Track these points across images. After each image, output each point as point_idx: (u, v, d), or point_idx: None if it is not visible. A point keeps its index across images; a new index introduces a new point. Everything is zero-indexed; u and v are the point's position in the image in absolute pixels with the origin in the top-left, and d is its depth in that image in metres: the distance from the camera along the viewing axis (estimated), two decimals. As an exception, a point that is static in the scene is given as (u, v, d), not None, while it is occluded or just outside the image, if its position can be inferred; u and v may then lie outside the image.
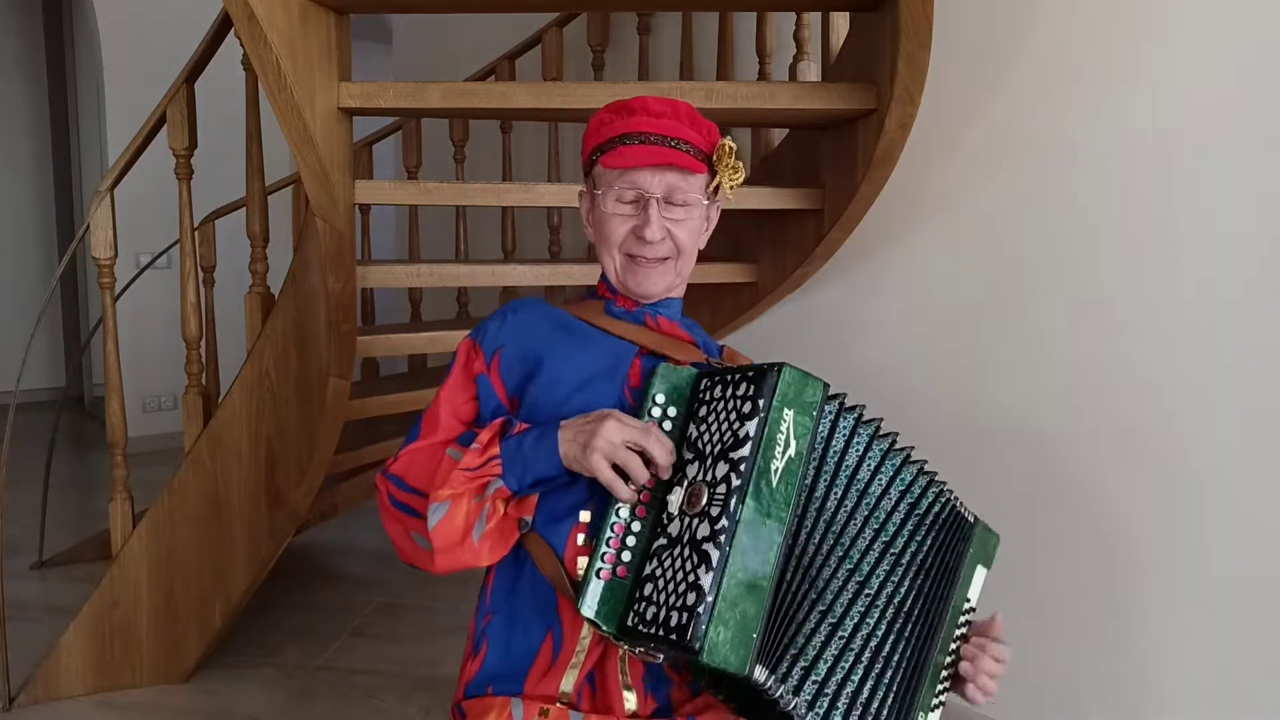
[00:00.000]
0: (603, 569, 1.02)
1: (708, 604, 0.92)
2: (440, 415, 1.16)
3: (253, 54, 1.61)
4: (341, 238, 1.82)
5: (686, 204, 1.16)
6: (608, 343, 1.18)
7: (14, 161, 6.01)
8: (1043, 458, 1.98)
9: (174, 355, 3.29)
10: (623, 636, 1.00)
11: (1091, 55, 1.88)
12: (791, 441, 0.98)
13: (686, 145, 1.14)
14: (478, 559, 1.07)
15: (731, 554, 0.94)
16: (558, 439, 1.04)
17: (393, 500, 1.13)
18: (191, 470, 2.28)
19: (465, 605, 2.89)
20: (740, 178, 1.17)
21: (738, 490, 0.95)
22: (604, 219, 1.18)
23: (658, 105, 1.16)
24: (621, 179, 1.15)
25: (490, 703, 1.08)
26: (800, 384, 1.00)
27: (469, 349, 1.20)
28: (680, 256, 1.19)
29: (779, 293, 2.40)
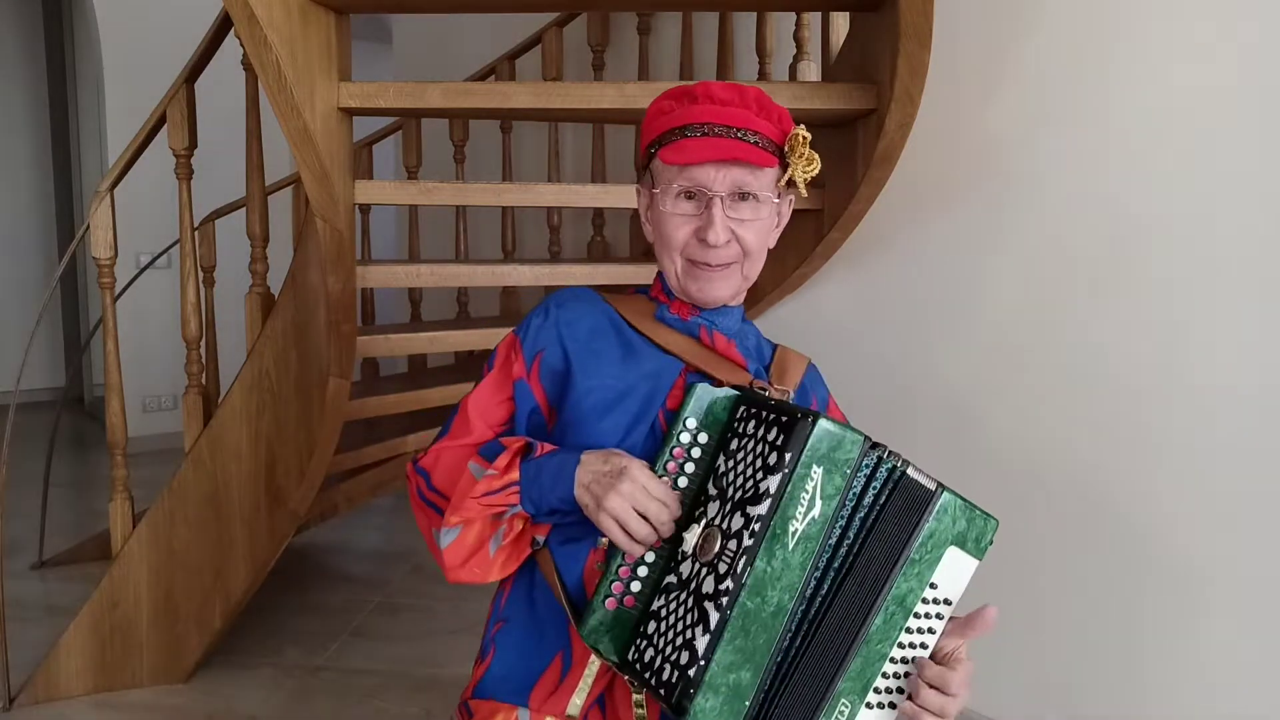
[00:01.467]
0: (610, 597, 0.98)
1: (699, 668, 0.88)
2: (471, 414, 1.11)
3: (253, 54, 1.61)
4: (341, 238, 1.82)
5: (756, 201, 1.05)
6: (652, 357, 1.09)
7: (14, 161, 6.01)
8: (1043, 458, 1.98)
9: (174, 355, 3.30)
10: (623, 668, 0.97)
11: (1092, 55, 1.88)
12: (817, 503, 0.90)
13: (755, 136, 1.03)
14: (487, 575, 1.05)
15: (732, 618, 0.88)
16: (575, 476, 0.99)
17: (421, 495, 1.10)
18: (191, 470, 2.28)
19: (465, 605, 2.89)
20: (815, 168, 1.06)
21: (747, 551, 0.88)
22: (663, 219, 1.07)
23: (723, 92, 1.05)
24: (682, 175, 1.04)
25: (497, 707, 1.06)
26: (835, 439, 0.90)
27: (510, 346, 1.13)
28: (747, 260, 1.09)
29: (779, 292, 2.40)
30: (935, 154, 2.12)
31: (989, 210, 2.06)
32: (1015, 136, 2.01)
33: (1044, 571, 1.98)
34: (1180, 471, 1.78)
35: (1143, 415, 1.82)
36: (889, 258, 2.27)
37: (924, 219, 2.19)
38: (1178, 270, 1.77)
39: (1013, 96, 2.01)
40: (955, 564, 0.97)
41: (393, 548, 3.53)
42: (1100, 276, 1.88)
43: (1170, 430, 1.79)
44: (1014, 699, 2.05)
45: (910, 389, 2.23)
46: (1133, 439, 1.84)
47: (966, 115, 2.08)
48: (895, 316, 2.27)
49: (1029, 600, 2.01)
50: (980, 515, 0.98)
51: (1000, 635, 2.13)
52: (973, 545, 0.98)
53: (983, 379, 2.09)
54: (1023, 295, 2.01)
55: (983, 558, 0.98)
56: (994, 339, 2.06)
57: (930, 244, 2.18)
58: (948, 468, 2.24)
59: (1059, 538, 1.96)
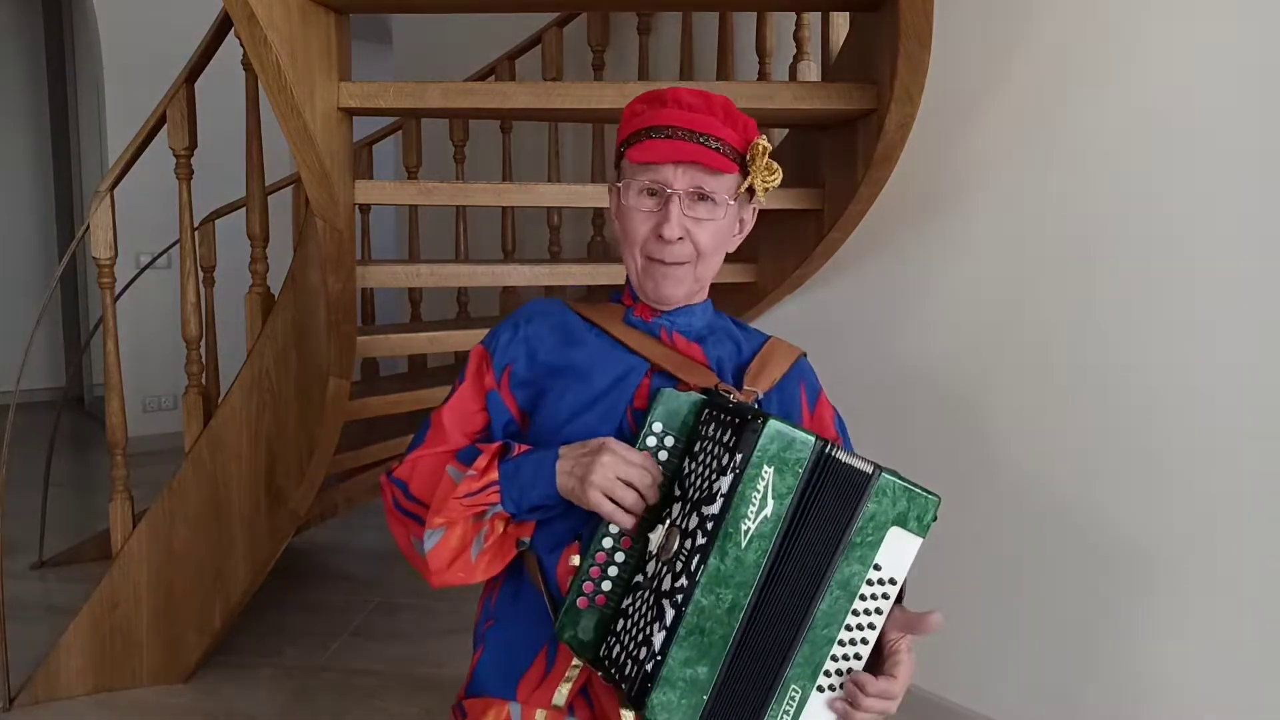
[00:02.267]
0: (581, 596, 1.02)
1: (656, 663, 0.91)
2: (446, 424, 1.14)
3: (253, 54, 1.61)
4: (341, 238, 1.82)
5: (713, 204, 1.10)
6: (617, 357, 1.14)
7: (14, 161, 6.01)
8: (1043, 458, 1.98)
9: (174, 355, 3.30)
10: (595, 665, 1.00)
11: (1092, 54, 1.88)
12: (769, 502, 0.92)
13: (717, 142, 1.08)
14: (471, 576, 1.08)
15: (687, 614, 0.91)
16: (555, 469, 1.03)
17: (397, 505, 1.12)
18: (191, 470, 2.28)
19: (465, 605, 2.89)
20: (777, 179, 1.11)
21: (700, 550, 0.92)
22: (626, 214, 1.13)
23: (691, 97, 1.10)
24: (645, 173, 1.09)
25: (489, 703, 1.09)
26: (785, 440, 0.92)
27: (481, 358, 1.17)
28: (700, 260, 1.13)
29: (779, 293, 2.40)
30: (935, 154, 2.12)
31: (989, 210, 2.06)
32: (1015, 136, 2.01)
33: (1044, 571, 1.98)
34: (1181, 472, 1.78)
35: (1143, 418, 1.82)
36: (889, 258, 2.27)
37: (924, 219, 2.19)
38: (1179, 270, 1.77)
39: (1013, 96, 2.01)
40: (898, 544, 0.98)
41: (393, 548, 3.52)
42: (1103, 276, 1.88)
43: (1169, 431, 1.79)
44: (1014, 699, 2.05)
45: (910, 389, 2.23)
46: (1132, 442, 1.84)
47: (966, 115, 2.08)
48: (895, 316, 2.27)
49: (1029, 600, 2.01)
50: (921, 494, 0.98)
51: (1000, 635, 2.14)
52: (915, 524, 0.98)
53: (984, 379, 2.09)
54: (1024, 295, 2.01)
55: (926, 535, 0.98)
56: (995, 339, 2.06)
57: (930, 244, 2.18)
58: (948, 467, 2.24)
59: (1060, 537, 1.96)
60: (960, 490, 2.10)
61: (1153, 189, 1.80)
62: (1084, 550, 1.92)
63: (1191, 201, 1.75)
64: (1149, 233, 1.81)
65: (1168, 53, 1.77)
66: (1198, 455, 1.75)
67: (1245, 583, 1.70)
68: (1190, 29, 1.74)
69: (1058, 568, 1.96)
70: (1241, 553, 1.70)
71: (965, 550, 2.08)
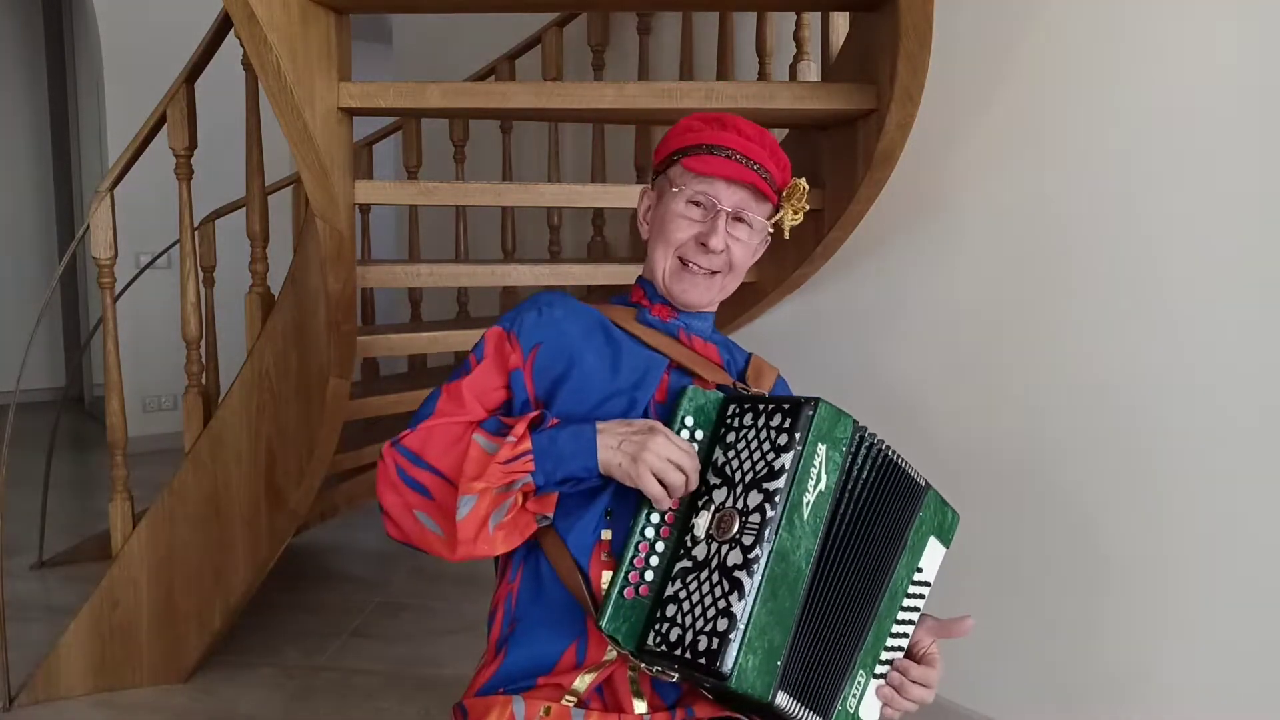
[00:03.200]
0: (626, 587, 1.03)
1: (739, 630, 0.94)
2: (465, 395, 1.13)
3: (253, 54, 1.61)
4: (341, 238, 1.82)
5: (751, 225, 1.19)
6: (639, 353, 1.17)
7: (14, 161, 6.01)
8: (1042, 457, 1.98)
9: (174, 355, 3.29)
10: (641, 655, 1.01)
11: (1092, 54, 1.88)
12: (823, 476, 1.00)
13: (765, 173, 1.17)
14: (492, 549, 1.06)
15: (764, 583, 0.96)
16: (596, 442, 1.04)
17: (402, 473, 1.08)
18: (191, 470, 2.28)
19: (465, 605, 2.89)
20: (800, 220, 1.21)
21: (771, 521, 0.97)
22: (670, 218, 1.19)
23: (749, 128, 1.18)
24: (699, 184, 1.17)
25: (492, 701, 1.08)
26: (834, 419, 1.02)
27: (502, 338, 1.17)
28: (730, 273, 1.21)
29: (779, 293, 2.40)
30: (935, 154, 2.13)
31: (989, 210, 2.06)
32: (1015, 136, 2.01)
33: (1043, 571, 1.98)
34: (1180, 472, 1.78)
35: (1144, 418, 1.82)
36: (889, 258, 2.27)
37: (924, 219, 2.19)
38: (1180, 270, 1.77)
39: (1013, 96, 2.01)
40: (933, 551, 1.12)
41: (393, 548, 3.52)
42: (1104, 276, 1.88)
43: (1169, 431, 1.79)
44: (1014, 699, 2.05)
45: (910, 389, 2.23)
46: (1132, 443, 1.84)
47: (966, 115, 2.08)
48: (895, 316, 2.27)
49: (1028, 600, 2.01)
50: (949, 509, 1.14)
51: (1000, 635, 2.14)
52: (945, 536, 1.13)
53: (984, 379, 2.09)
54: (1025, 295, 2.01)
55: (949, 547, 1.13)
56: (995, 339, 2.06)
57: (930, 244, 2.18)
58: (949, 467, 2.24)
59: (1060, 538, 1.96)
60: (960, 490, 2.09)
61: (1153, 188, 1.80)
62: (1084, 550, 1.92)
63: (1192, 201, 1.75)
64: (1150, 232, 1.81)
65: (1168, 53, 1.77)
66: (1197, 455, 1.75)
67: (1245, 583, 1.70)
68: (1191, 29, 1.74)
69: (1057, 568, 1.96)
70: (1241, 553, 1.70)
71: (965, 550, 2.07)
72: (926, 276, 2.19)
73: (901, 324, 2.26)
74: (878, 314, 2.31)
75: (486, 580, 1.21)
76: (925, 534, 1.10)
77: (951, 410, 2.15)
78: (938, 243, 2.17)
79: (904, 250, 2.24)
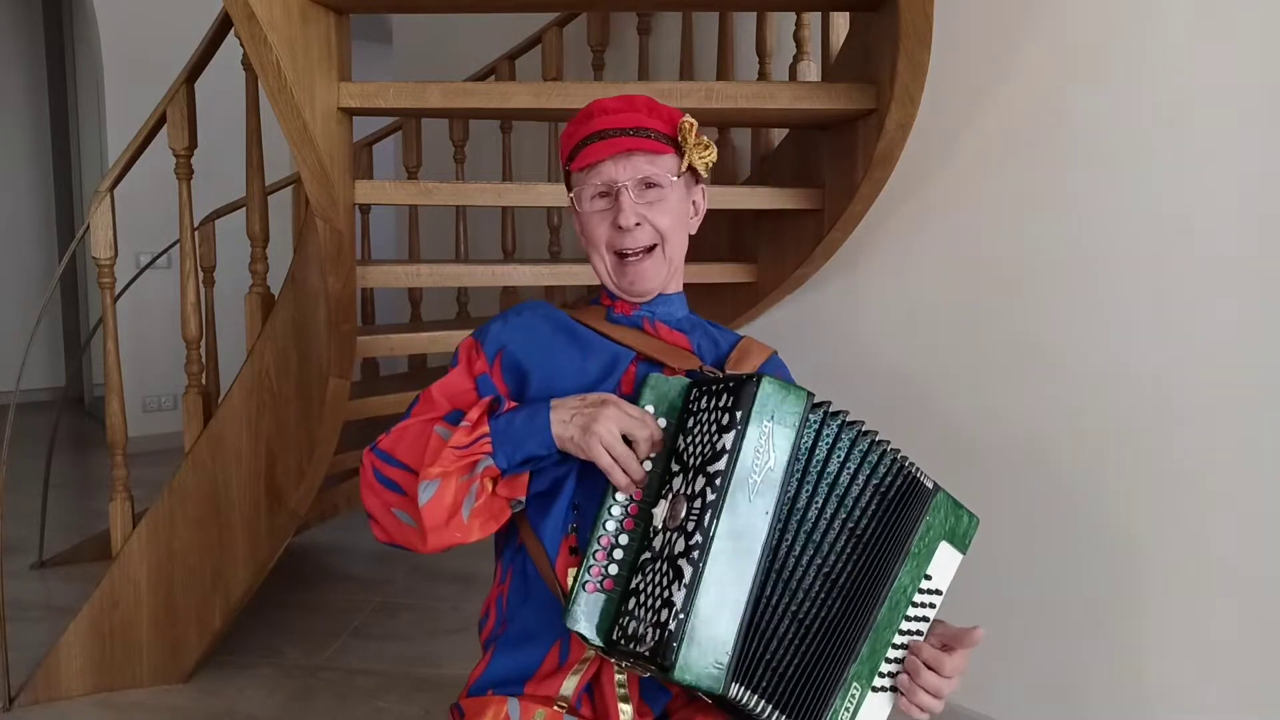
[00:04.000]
0: (589, 582, 1.01)
1: (680, 621, 0.91)
2: (435, 396, 1.15)
3: (253, 54, 1.61)
4: (341, 238, 1.82)
5: (659, 184, 1.15)
6: (605, 348, 1.17)
7: (14, 161, 6.01)
8: (1042, 458, 1.98)
9: (174, 355, 3.29)
10: (609, 651, 0.99)
11: (1091, 55, 1.88)
12: (771, 454, 0.96)
13: (647, 131, 1.15)
14: (468, 535, 1.06)
15: (706, 570, 0.92)
16: (549, 418, 1.04)
17: (377, 474, 1.10)
18: (191, 470, 2.28)
19: (465, 605, 2.89)
20: (712, 154, 1.17)
21: (712, 505, 0.94)
22: (586, 221, 1.18)
23: (613, 104, 1.17)
24: (591, 177, 1.16)
25: (487, 702, 1.09)
26: (780, 395, 0.97)
27: (470, 349, 1.19)
28: (665, 243, 1.18)
29: (779, 293, 2.40)
30: (935, 154, 2.13)
31: (989, 210, 2.06)
32: (1015, 136, 2.01)
33: (1044, 572, 1.98)
34: (1180, 472, 1.78)
35: (1144, 419, 1.82)
36: (889, 258, 2.27)
37: (925, 219, 2.19)
38: (1181, 270, 1.77)
39: (1013, 96, 2.01)
40: (945, 558, 1.05)
41: (392, 547, 3.52)
42: (1105, 275, 1.88)
43: (1171, 431, 1.79)
44: (1014, 699, 2.05)
45: (911, 389, 2.23)
46: (1132, 443, 1.84)
47: (966, 115, 2.08)
48: (895, 317, 2.27)
49: (1029, 600, 2.01)
50: (966, 513, 1.06)
51: (1000, 635, 2.14)
52: (959, 541, 1.06)
53: (984, 379, 2.09)
54: (1025, 295, 2.01)
55: (966, 552, 1.06)
56: (995, 339, 2.06)
57: (931, 244, 2.18)
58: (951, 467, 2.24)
59: (1060, 538, 1.96)
60: (960, 491, 2.09)
61: (1154, 188, 1.80)
62: (1084, 551, 1.92)
63: (1193, 201, 1.75)
64: (1151, 231, 1.81)
65: (1168, 52, 1.77)
66: (1198, 456, 1.75)
67: (1244, 583, 1.70)
68: (1191, 29, 1.74)
69: (1058, 568, 1.96)
70: (1241, 553, 1.70)
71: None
72: (926, 276, 2.19)
73: (902, 324, 2.26)
74: (878, 314, 2.31)
75: (486, 579, 1.22)
76: (934, 540, 1.03)
77: (952, 410, 2.15)
78: (938, 242, 2.17)
79: (904, 250, 2.23)
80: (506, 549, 1.17)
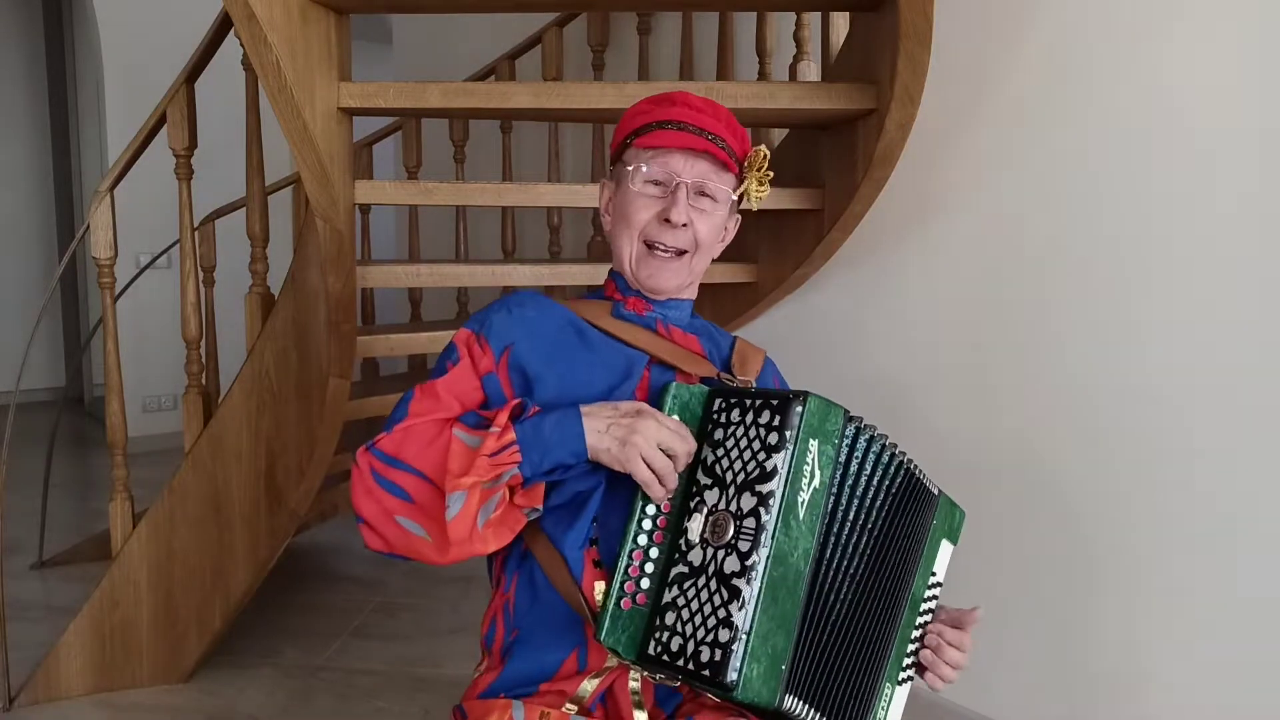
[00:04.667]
0: (623, 598, 1.00)
1: (742, 640, 0.92)
2: (441, 395, 1.06)
3: (253, 54, 1.61)
4: (341, 238, 1.82)
5: (714, 198, 1.13)
6: (617, 351, 1.12)
7: (14, 161, 6.01)
8: (1042, 458, 1.98)
9: (174, 355, 3.30)
10: (643, 663, 0.98)
11: (1091, 55, 1.88)
12: (816, 473, 0.98)
13: (723, 142, 1.12)
14: (484, 547, 1.00)
15: (764, 590, 0.94)
16: (583, 426, 1.00)
17: (377, 478, 1.01)
18: (191, 470, 2.28)
19: (465, 605, 2.89)
20: (767, 191, 1.15)
21: (767, 525, 0.95)
22: (629, 200, 1.13)
23: (699, 101, 1.14)
24: (655, 159, 1.12)
25: (491, 705, 1.06)
26: (824, 413, 0.98)
27: (471, 340, 1.11)
28: (697, 252, 1.15)
29: (779, 293, 2.40)
30: (935, 154, 2.12)
31: (990, 210, 2.06)
32: (1015, 136, 2.01)
33: (1044, 572, 1.98)
34: (1180, 473, 1.78)
35: (1143, 419, 1.82)
36: (889, 258, 2.27)
37: (924, 219, 2.19)
38: (1179, 270, 1.77)
39: (1012, 96, 2.01)
40: (945, 552, 1.13)
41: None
42: (1104, 276, 1.88)
43: (1169, 432, 1.79)
44: (1014, 699, 2.05)
45: (909, 389, 2.23)
46: (1132, 444, 1.84)
47: (966, 115, 2.08)
48: (895, 317, 2.27)
49: (1029, 601, 2.01)
50: (957, 508, 1.14)
51: (1000, 635, 2.14)
52: (954, 535, 1.14)
53: (984, 379, 2.09)
54: (1024, 295, 2.01)
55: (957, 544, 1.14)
56: (995, 339, 2.06)
57: (931, 244, 2.18)
58: (952, 467, 2.24)
59: (1060, 538, 1.96)
60: (960, 491, 2.09)
61: (1154, 188, 1.80)
62: (1084, 551, 1.92)
63: (1192, 201, 1.75)
64: (1151, 232, 1.81)
65: (1168, 53, 1.77)
66: (1196, 456, 1.75)
67: (1243, 583, 1.70)
68: (1191, 30, 1.74)
69: (1058, 568, 1.96)
70: (1240, 553, 1.70)
71: (965, 551, 2.07)
72: (927, 276, 2.19)
73: (902, 324, 2.26)
74: (878, 314, 2.31)
75: (486, 580, 1.20)
76: (938, 539, 1.10)
77: (952, 410, 2.15)
78: (938, 243, 2.17)
79: (904, 250, 2.24)
80: (510, 557, 1.12)
